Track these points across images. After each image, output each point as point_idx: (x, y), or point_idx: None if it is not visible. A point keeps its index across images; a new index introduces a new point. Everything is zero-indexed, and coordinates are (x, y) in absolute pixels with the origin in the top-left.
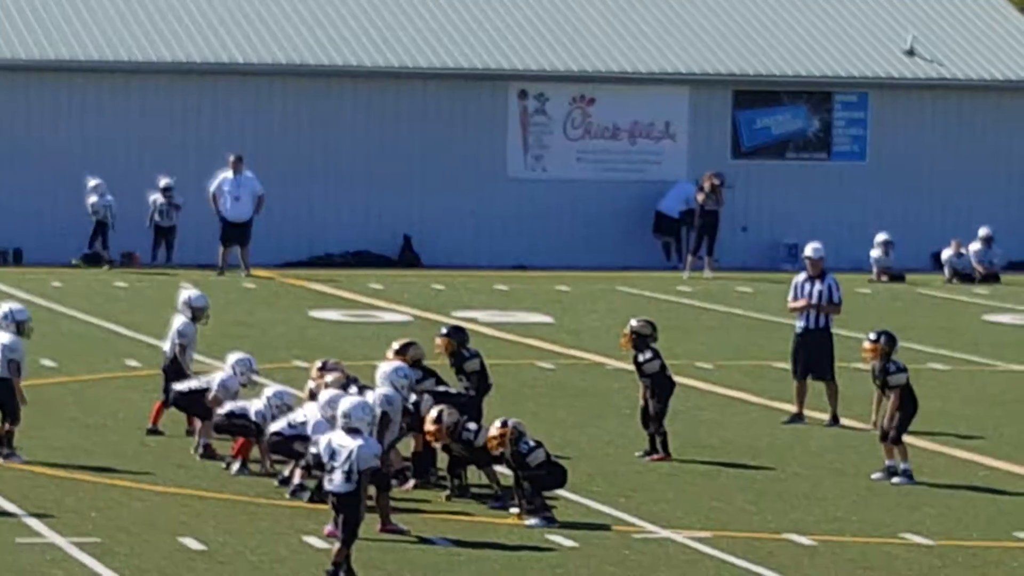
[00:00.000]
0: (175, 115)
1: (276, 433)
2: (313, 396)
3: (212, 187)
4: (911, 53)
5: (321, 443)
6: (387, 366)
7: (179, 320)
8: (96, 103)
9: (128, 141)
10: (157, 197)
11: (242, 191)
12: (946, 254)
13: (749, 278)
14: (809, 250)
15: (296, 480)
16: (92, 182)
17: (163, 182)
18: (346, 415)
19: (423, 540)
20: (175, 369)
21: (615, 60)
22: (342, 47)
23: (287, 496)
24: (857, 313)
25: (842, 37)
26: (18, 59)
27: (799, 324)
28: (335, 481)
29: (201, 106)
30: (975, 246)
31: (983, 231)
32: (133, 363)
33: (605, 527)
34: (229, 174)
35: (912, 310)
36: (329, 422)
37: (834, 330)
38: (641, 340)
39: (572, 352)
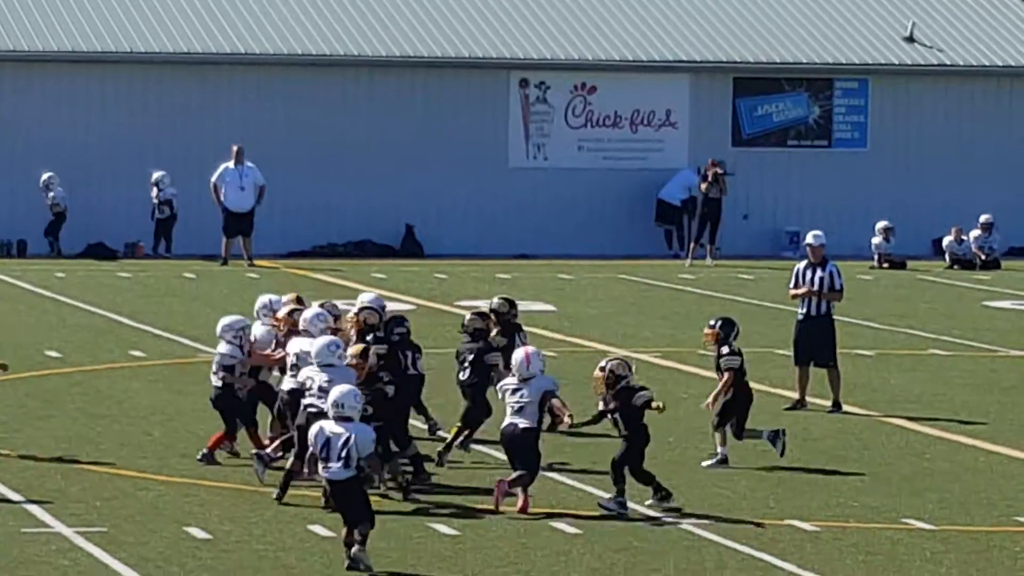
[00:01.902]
0: (176, 106)
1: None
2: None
3: (214, 178)
4: (911, 39)
5: (312, 433)
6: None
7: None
8: (99, 94)
9: (129, 132)
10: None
11: (244, 182)
12: (947, 240)
13: (751, 266)
14: (810, 237)
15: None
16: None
17: (153, 176)
18: (338, 404)
19: (428, 528)
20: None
21: (616, 48)
22: (344, 37)
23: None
24: (858, 300)
25: (842, 24)
26: (20, 51)
27: (800, 311)
28: (333, 469)
29: (203, 96)
30: (975, 232)
31: (983, 217)
32: (137, 353)
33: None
34: (231, 165)
35: (913, 296)
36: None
37: (836, 317)
38: (723, 337)
39: (574, 340)
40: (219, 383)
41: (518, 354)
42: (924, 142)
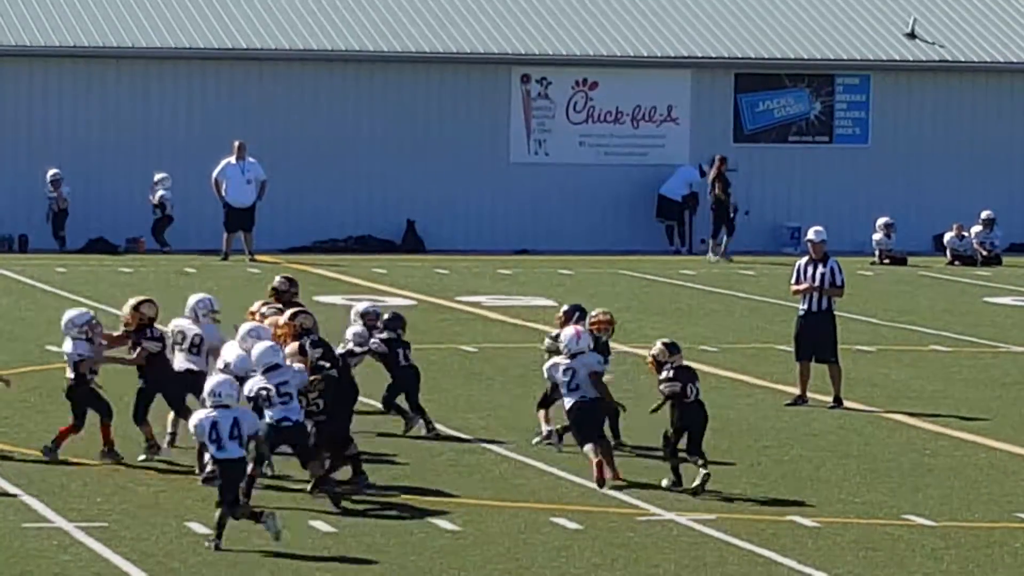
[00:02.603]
0: (178, 101)
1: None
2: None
3: (215, 173)
4: (912, 36)
5: (193, 422)
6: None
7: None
8: (100, 90)
9: (131, 127)
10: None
11: (246, 176)
12: (948, 236)
13: (752, 261)
14: (811, 233)
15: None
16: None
17: (156, 177)
18: (215, 394)
19: (428, 523)
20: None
21: (617, 44)
22: (345, 32)
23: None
24: (859, 296)
25: (844, 20)
26: (22, 46)
27: (802, 307)
28: (228, 449)
29: (205, 92)
30: (976, 228)
31: (985, 214)
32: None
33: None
34: (233, 160)
35: (914, 292)
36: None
37: (837, 312)
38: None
39: None
40: (71, 376)
41: (568, 331)
42: (925, 138)
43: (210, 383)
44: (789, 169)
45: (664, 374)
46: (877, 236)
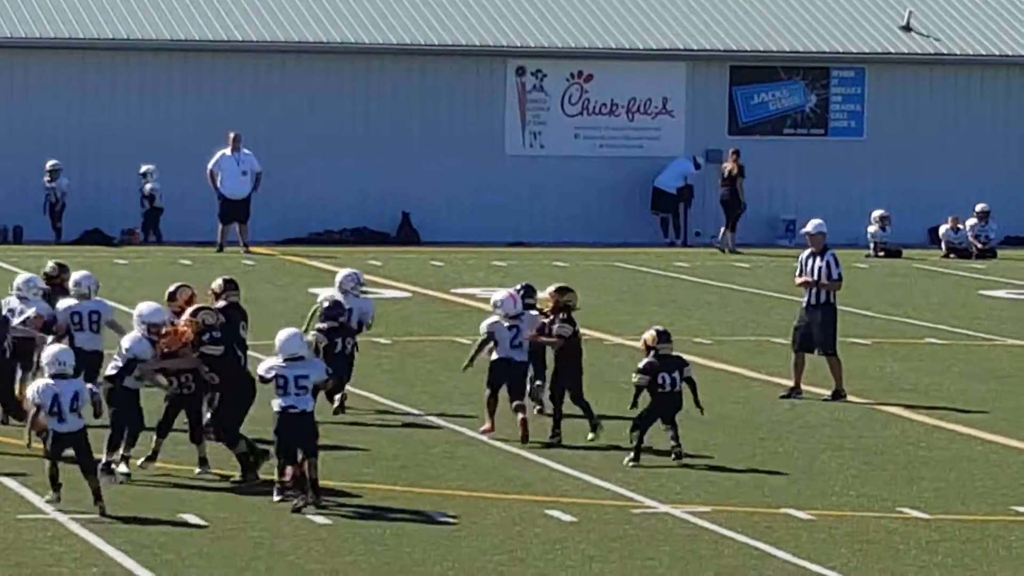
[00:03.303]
0: (174, 93)
1: None
2: None
3: (211, 164)
4: (908, 28)
5: (32, 391)
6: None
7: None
8: (95, 81)
9: (126, 119)
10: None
11: (241, 168)
12: (943, 229)
13: (747, 254)
14: (809, 226)
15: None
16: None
17: (141, 168)
18: (59, 361)
19: (423, 515)
20: None
21: (612, 37)
22: (340, 24)
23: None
24: (855, 288)
25: (839, 13)
26: (18, 37)
27: (803, 299)
28: (69, 421)
29: (200, 84)
30: (972, 221)
31: (980, 206)
32: None
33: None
34: (228, 151)
35: (909, 285)
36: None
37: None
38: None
39: None
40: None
41: (502, 294)
42: (921, 131)
43: (51, 351)
44: (784, 162)
45: (642, 363)
46: (872, 228)
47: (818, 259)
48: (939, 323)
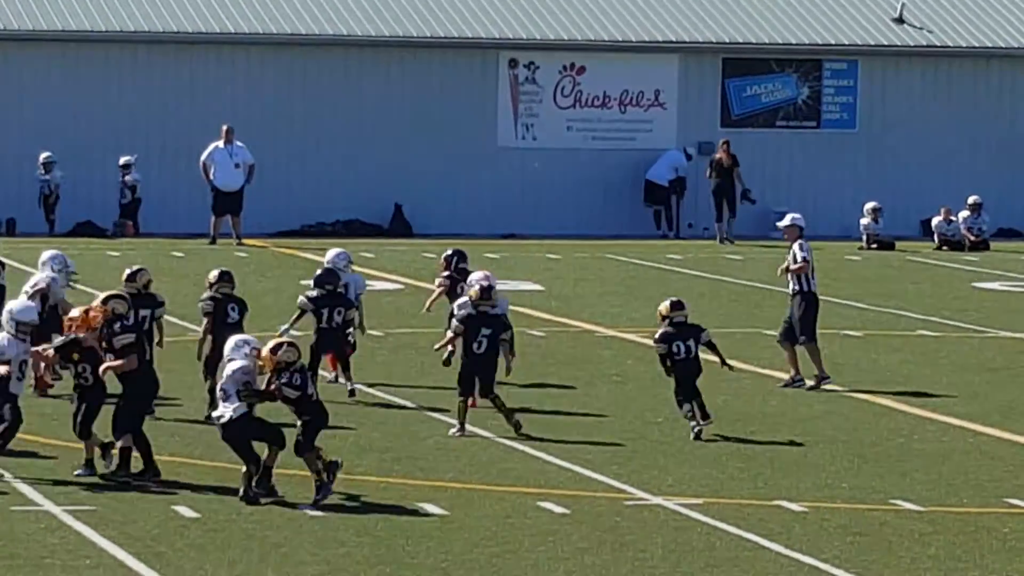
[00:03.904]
0: (165, 85)
1: None
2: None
3: (204, 156)
4: (900, 20)
5: None
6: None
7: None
8: (87, 73)
9: (118, 112)
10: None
11: (234, 161)
12: (935, 221)
13: (739, 246)
14: (783, 221)
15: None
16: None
17: (121, 160)
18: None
19: (415, 507)
20: None
21: (605, 29)
22: (333, 16)
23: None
24: (847, 280)
25: (831, 5)
26: (11, 30)
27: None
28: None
29: (192, 76)
30: (964, 213)
31: (972, 198)
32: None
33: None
34: (221, 144)
35: (902, 277)
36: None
37: (824, 297)
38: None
39: (562, 320)
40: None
41: (479, 275)
42: (913, 123)
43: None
44: (776, 154)
45: (658, 333)
46: (865, 221)
47: (792, 248)
48: (931, 315)
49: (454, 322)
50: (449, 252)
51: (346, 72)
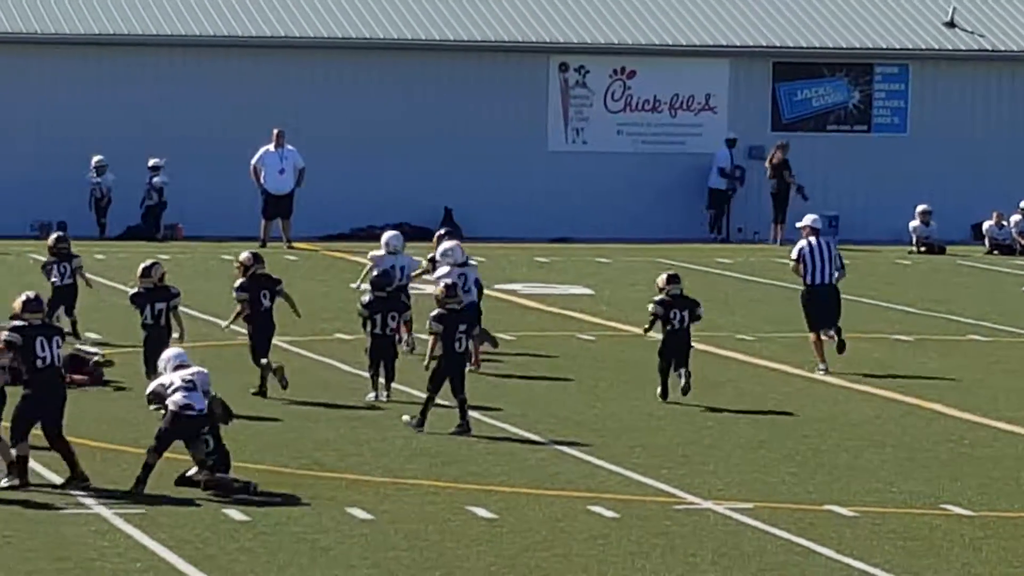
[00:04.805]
0: (216, 90)
1: None
2: None
3: (254, 160)
4: (952, 25)
5: None
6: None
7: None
8: (138, 78)
9: (174, 115)
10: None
11: (284, 164)
12: (987, 225)
13: (789, 250)
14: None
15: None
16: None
17: (150, 162)
18: None
19: (465, 511)
20: None
21: (656, 33)
22: (383, 20)
23: None
24: (897, 284)
25: (883, 9)
26: (62, 34)
27: None
28: None
29: (244, 80)
30: (1016, 217)
31: None
32: (175, 335)
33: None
34: (271, 147)
35: (953, 281)
36: None
37: (874, 302)
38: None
39: (613, 324)
40: None
41: (450, 244)
42: (964, 127)
43: None
44: (827, 158)
45: (657, 298)
46: (914, 223)
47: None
48: (982, 320)
49: (431, 324)
50: (441, 231)
51: (397, 75)
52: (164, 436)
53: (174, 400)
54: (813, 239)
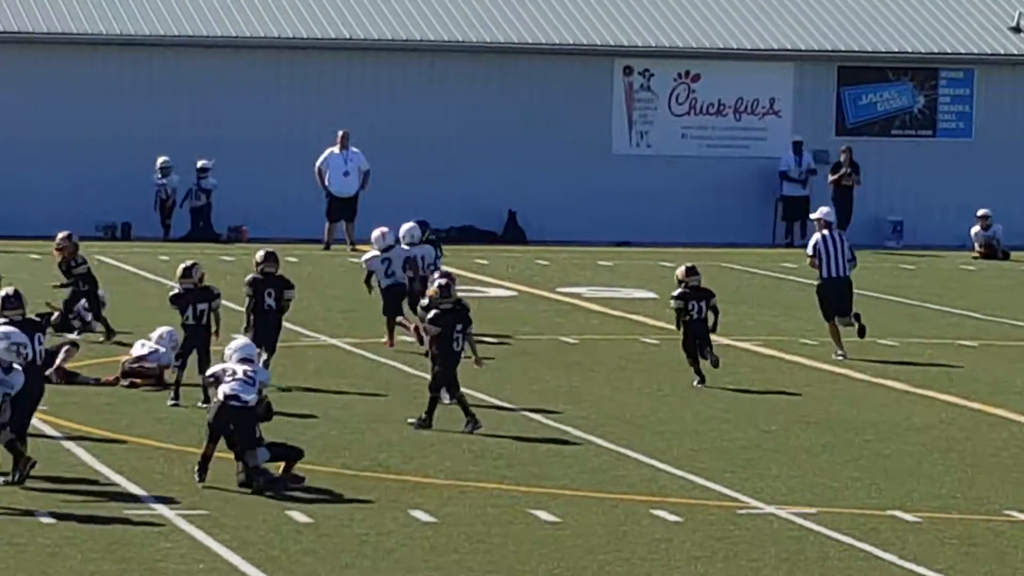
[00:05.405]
0: (281, 92)
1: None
2: None
3: (319, 162)
4: (1017, 30)
5: None
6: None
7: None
8: (204, 79)
9: (241, 116)
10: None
11: (349, 166)
12: None
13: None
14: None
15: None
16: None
17: (199, 163)
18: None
19: (528, 514)
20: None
21: (720, 36)
22: (448, 23)
23: None
24: (961, 290)
25: (948, 13)
26: (127, 35)
27: None
28: None
29: (309, 81)
30: None
31: None
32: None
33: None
34: (336, 149)
35: (1016, 287)
36: None
37: (938, 306)
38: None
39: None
40: None
41: (376, 232)
42: None
43: None
44: (891, 163)
45: (676, 292)
46: (975, 229)
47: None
48: None
49: (428, 326)
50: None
51: (462, 78)
52: (211, 425)
53: (223, 389)
54: (827, 232)
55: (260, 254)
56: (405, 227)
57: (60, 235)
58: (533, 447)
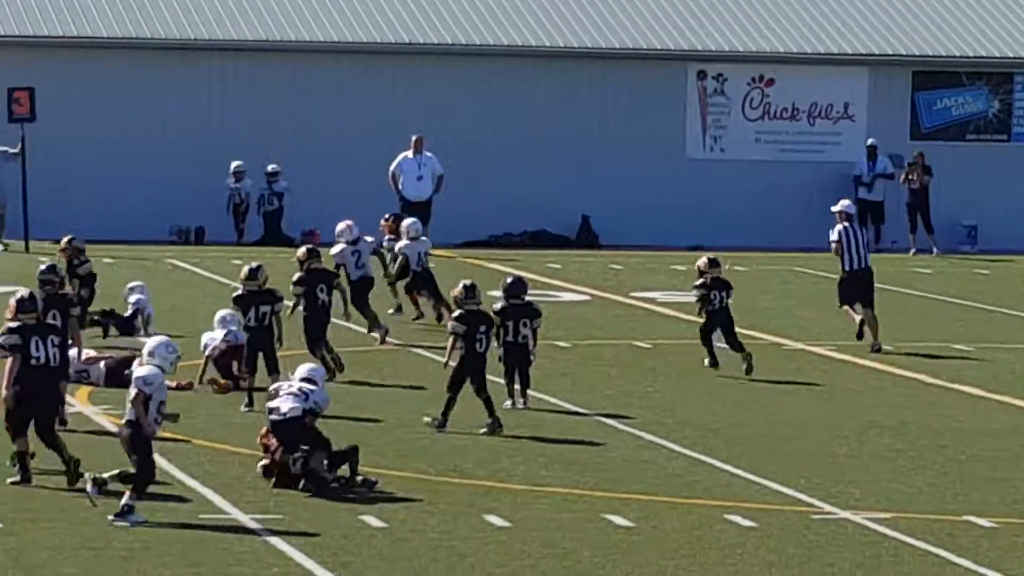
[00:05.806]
0: (355, 96)
1: None
2: None
3: (392, 167)
4: None
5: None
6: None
7: None
8: (276, 84)
9: (306, 122)
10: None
11: (423, 171)
12: None
13: (928, 259)
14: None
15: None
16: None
17: (269, 168)
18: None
19: (602, 519)
20: None
21: (794, 41)
22: (522, 27)
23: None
24: None
25: (1023, 17)
26: (202, 39)
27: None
28: None
29: (383, 86)
30: None
31: None
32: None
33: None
34: (410, 154)
35: None
36: None
37: (1010, 311)
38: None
39: (748, 332)
40: None
41: (341, 225)
42: None
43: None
44: (966, 167)
45: (698, 282)
46: None
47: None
48: None
49: (453, 324)
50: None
51: (536, 82)
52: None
53: (268, 404)
54: (847, 224)
55: (302, 251)
56: (407, 222)
57: (63, 240)
58: (606, 452)
